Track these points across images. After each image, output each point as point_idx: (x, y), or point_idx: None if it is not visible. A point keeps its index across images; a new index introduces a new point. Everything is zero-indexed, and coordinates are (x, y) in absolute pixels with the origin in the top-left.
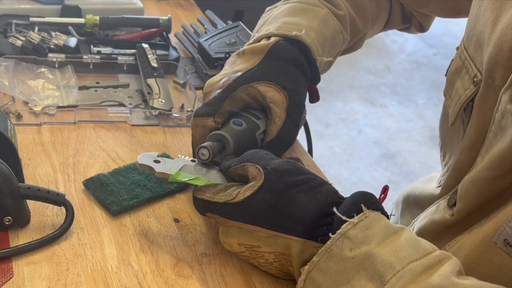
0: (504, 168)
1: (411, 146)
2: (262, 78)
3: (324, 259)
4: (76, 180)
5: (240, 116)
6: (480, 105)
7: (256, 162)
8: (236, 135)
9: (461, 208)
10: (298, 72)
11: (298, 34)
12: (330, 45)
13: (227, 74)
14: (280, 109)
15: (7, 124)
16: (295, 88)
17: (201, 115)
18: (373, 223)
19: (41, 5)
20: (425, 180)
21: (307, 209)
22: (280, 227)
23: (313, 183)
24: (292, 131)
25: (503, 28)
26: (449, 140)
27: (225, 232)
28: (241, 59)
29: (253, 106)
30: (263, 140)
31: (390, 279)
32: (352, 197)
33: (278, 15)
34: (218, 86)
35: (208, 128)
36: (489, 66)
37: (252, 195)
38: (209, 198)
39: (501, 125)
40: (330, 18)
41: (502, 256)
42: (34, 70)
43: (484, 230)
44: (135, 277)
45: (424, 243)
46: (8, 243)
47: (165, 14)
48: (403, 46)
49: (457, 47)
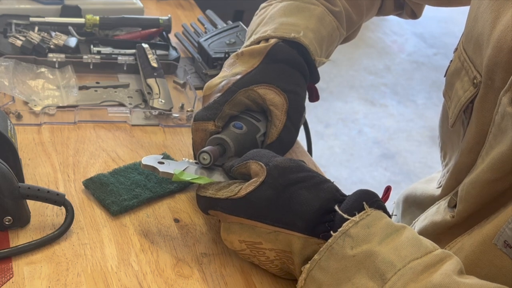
0: (505, 170)
1: (411, 146)
2: (262, 81)
3: (325, 258)
4: (76, 180)
5: (240, 119)
6: (480, 107)
7: (258, 159)
8: (236, 138)
9: (462, 209)
10: (298, 74)
11: (297, 36)
12: (327, 43)
13: (227, 76)
14: (280, 112)
15: (7, 124)
16: (294, 90)
17: (201, 119)
18: (375, 221)
19: (41, 5)
20: (425, 181)
21: (309, 205)
22: (281, 223)
23: (315, 180)
24: (292, 134)
25: (502, 30)
26: (449, 141)
27: (227, 229)
28: (240, 61)
29: (253, 108)
30: (263, 142)
31: (391, 278)
32: (355, 195)
33: (274, 14)
34: (218, 89)
35: (208, 132)
36: (489, 67)
37: (254, 190)
38: (211, 194)
39: (501, 127)
40: (327, 15)
41: (502, 258)
42: (34, 70)
43: (484, 232)
44: (135, 277)
45: (425, 241)
46: (8, 243)
47: (165, 14)
48: (403, 46)
49: (455, 48)
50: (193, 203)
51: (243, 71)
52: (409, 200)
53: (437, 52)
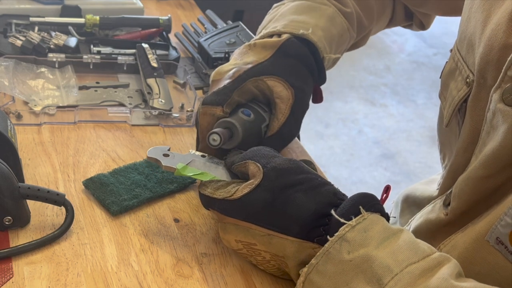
0: (497, 166)
1: (411, 146)
2: (272, 72)
3: (323, 262)
4: (76, 180)
5: (248, 107)
6: (473, 105)
7: (257, 160)
8: (244, 125)
9: (455, 207)
10: (306, 71)
11: (305, 33)
12: (337, 43)
13: (238, 64)
14: (285, 106)
15: (7, 124)
16: (302, 86)
17: (210, 103)
18: (371, 225)
19: (41, 5)
20: (426, 182)
21: (304, 208)
22: (275, 226)
23: (313, 183)
24: (293, 129)
25: (492, 28)
26: (447, 142)
27: (223, 229)
28: (252, 52)
29: (260, 99)
30: (265, 133)
31: (388, 282)
32: (352, 199)
33: (285, 12)
34: (228, 75)
35: (216, 117)
36: (481, 66)
37: (249, 193)
38: (209, 194)
39: (493, 124)
40: (337, 16)
41: (495, 255)
42: (34, 70)
43: (477, 229)
44: (135, 277)
45: (422, 245)
46: (8, 243)
47: (165, 14)
48: (403, 46)
49: (450, 49)
50: (193, 203)
51: (255, 61)
52: (409, 200)
53: (437, 52)
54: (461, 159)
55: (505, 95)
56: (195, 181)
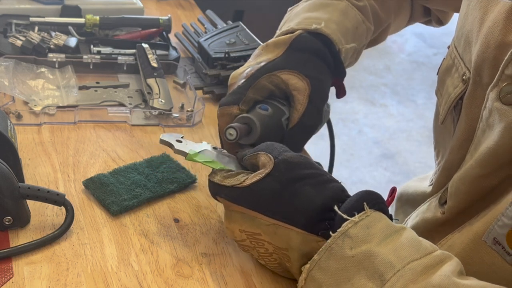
0: (493, 165)
1: (411, 146)
2: (285, 66)
3: (325, 258)
4: (76, 180)
5: (265, 102)
6: (468, 103)
7: (269, 151)
8: (262, 119)
9: (452, 206)
10: (321, 63)
11: (318, 27)
12: (353, 35)
13: (251, 65)
14: (302, 96)
15: (7, 124)
16: (317, 76)
17: (226, 104)
18: (374, 222)
19: (41, 5)
20: (418, 179)
21: (311, 201)
22: (282, 217)
23: (321, 179)
24: (314, 117)
25: (489, 26)
26: (441, 139)
27: (228, 217)
28: (265, 51)
29: (277, 94)
30: (287, 126)
31: (390, 278)
32: (356, 196)
33: (298, 11)
34: (242, 76)
35: (233, 116)
36: (477, 64)
37: (259, 181)
38: (218, 181)
39: (489, 123)
40: (350, 9)
41: (492, 255)
42: (34, 70)
43: (474, 229)
44: (135, 277)
45: (425, 242)
46: (8, 243)
47: (165, 14)
48: (403, 46)
49: (448, 46)
50: (193, 203)
51: (267, 59)
52: (402, 198)
53: (437, 52)
54: (456, 157)
55: (502, 93)
56: (195, 181)
